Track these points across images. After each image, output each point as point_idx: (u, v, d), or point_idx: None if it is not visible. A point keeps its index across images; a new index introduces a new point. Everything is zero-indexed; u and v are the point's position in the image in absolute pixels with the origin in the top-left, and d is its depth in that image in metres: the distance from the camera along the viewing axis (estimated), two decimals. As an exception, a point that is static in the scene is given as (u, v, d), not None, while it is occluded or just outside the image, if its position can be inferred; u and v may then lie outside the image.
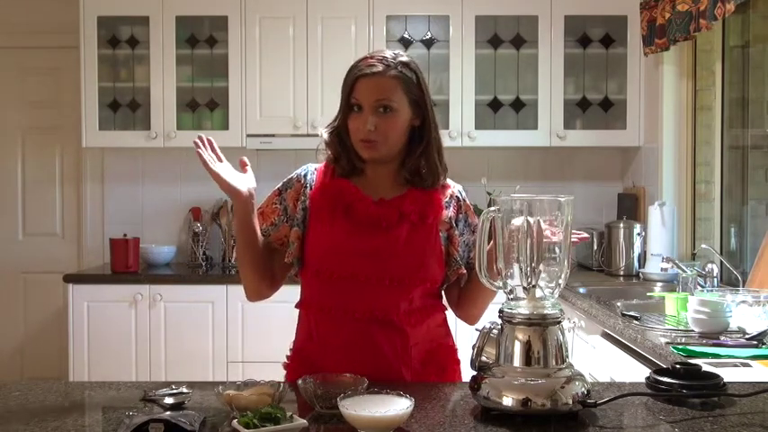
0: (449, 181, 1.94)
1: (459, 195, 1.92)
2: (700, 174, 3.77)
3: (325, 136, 1.88)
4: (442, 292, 1.93)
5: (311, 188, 1.87)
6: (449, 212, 1.88)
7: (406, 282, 1.79)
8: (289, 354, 1.93)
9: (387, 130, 1.79)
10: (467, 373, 1.78)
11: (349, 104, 1.81)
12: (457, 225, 1.89)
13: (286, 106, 4.09)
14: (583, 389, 1.42)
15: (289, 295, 1.98)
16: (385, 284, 1.78)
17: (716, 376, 1.57)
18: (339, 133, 1.86)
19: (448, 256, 1.87)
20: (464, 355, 1.86)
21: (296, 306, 1.92)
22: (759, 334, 2.25)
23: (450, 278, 1.89)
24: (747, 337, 2.26)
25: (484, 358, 1.50)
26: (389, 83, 1.79)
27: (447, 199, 1.89)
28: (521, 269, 1.48)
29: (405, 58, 1.83)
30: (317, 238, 1.82)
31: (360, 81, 1.79)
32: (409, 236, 1.80)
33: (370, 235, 1.79)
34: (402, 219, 1.81)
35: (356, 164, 1.86)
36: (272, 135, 4.08)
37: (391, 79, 1.79)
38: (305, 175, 1.90)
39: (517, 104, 4.18)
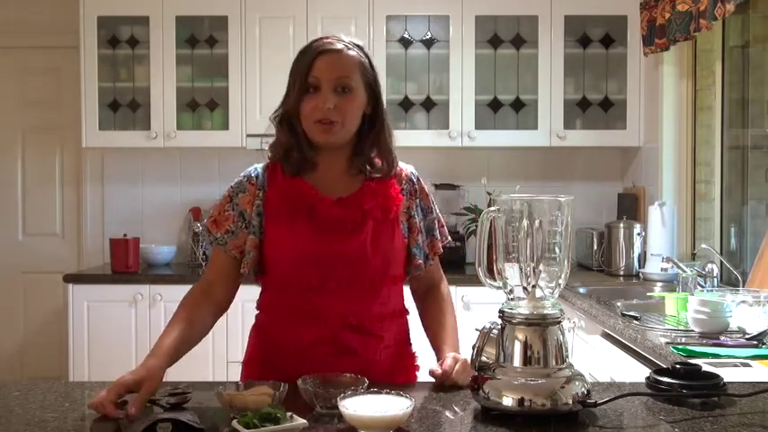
0: (401, 164, 1.88)
1: (412, 177, 1.88)
2: (700, 174, 3.77)
3: (275, 123, 1.80)
4: (404, 292, 1.89)
5: (264, 190, 1.78)
6: (407, 201, 1.84)
7: (377, 283, 1.76)
8: (246, 353, 1.88)
9: (345, 110, 1.72)
10: (424, 377, 1.80)
11: (305, 85, 1.73)
12: (416, 212, 1.86)
13: (286, 106, 4.08)
14: (583, 389, 1.42)
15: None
16: (356, 288, 1.74)
17: (716, 376, 1.57)
18: (290, 120, 1.78)
19: (408, 247, 1.84)
20: (423, 361, 1.89)
21: (257, 307, 1.86)
22: (759, 334, 2.25)
23: (411, 271, 1.86)
24: (747, 337, 2.26)
25: (484, 358, 1.50)
26: (350, 61, 1.74)
27: (403, 185, 1.85)
28: (521, 269, 1.48)
29: (358, 42, 1.81)
30: (278, 246, 1.74)
31: (320, 58, 1.72)
32: (375, 235, 1.75)
33: (335, 239, 1.72)
34: (365, 217, 1.75)
35: (308, 154, 1.78)
36: (272, 135, 4.06)
37: (351, 58, 1.75)
38: (256, 177, 1.80)
39: (517, 104, 4.18)
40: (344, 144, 1.79)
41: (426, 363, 1.86)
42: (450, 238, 1.96)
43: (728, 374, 1.72)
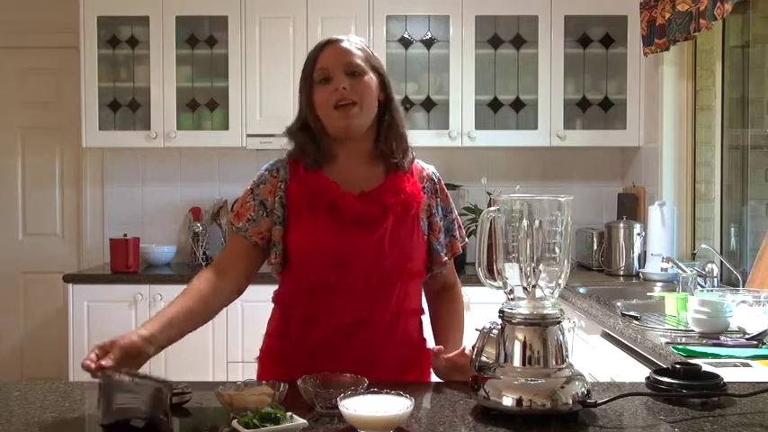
0: (421, 163, 1.90)
1: (433, 177, 1.90)
2: (700, 174, 3.77)
3: (287, 130, 1.84)
4: (421, 291, 1.90)
5: (286, 182, 1.79)
6: (428, 199, 1.86)
7: (394, 279, 1.77)
8: (261, 348, 1.89)
9: (361, 91, 1.74)
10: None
11: (312, 80, 1.77)
12: (437, 211, 1.87)
13: (286, 106, 4.08)
14: (583, 389, 1.42)
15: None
16: (372, 283, 1.75)
17: (716, 376, 1.57)
18: (304, 121, 1.81)
19: (429, 245, 1.85)
20: None
21: (273, 301, 1.87)
22: (759, 334, 2.25)
23: (432, 268, 1.88)
24: (747, 337, 2.26)
25: (484, 358, 1.50)
26: (354, 49, 1.78)
27: (424, 183, 1.87)
28: (521, 269, 1.48)
29: (361, 40, 1.85)
30: (299, 239, 1.76)
31: (325, 50, 1.77)
32: (394, 230, 1.76)
33: (355, 234, 1.74)
34: (386, 213, 1.76)
35: (324, 146, 1.79)
36: (272, 135, 4.07)
37: (355, 46, 1.79)
38: (277, 170, 1.82)
39: (517, 104, 4.19)
40: (364, 133, 1.80)
41: None
42: (467, 239, 1.98)
43: (728, 374, 1.72)
